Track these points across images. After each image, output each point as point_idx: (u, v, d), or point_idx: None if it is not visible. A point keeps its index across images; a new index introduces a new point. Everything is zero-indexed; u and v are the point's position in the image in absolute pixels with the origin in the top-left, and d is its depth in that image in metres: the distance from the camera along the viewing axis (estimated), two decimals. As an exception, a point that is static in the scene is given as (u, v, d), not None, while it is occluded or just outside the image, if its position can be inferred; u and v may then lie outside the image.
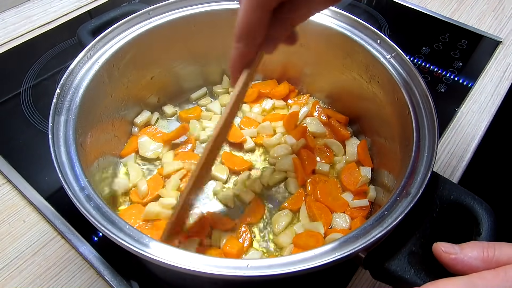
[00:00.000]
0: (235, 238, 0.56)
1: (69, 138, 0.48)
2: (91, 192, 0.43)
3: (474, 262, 0.36)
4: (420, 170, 0.46)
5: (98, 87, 0.56)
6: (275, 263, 0.38)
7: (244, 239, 0.56)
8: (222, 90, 0.76)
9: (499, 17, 1.02)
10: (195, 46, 0.70)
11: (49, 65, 0.84)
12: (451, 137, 0.75)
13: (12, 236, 0.59)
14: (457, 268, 0.37)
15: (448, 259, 0.37)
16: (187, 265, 0.37)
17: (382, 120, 0.61)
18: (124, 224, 0.41)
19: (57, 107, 0.50)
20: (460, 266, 0.36)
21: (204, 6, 0.65)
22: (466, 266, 0.36)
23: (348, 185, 0.62)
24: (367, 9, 1.03)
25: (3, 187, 0.64)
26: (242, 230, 0.57)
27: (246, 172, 0.64)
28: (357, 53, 0.61)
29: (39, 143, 0.69)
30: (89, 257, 0.56)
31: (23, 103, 0.76)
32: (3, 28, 0.92)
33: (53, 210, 0.60)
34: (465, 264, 0.36)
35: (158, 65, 0.68)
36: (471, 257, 0.36)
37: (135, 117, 0.69)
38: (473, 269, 0.36)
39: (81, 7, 1.00)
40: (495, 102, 0.81)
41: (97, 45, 0.57)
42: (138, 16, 0.61)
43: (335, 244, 0.39)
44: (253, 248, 0.56)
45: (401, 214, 0.41)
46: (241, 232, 0.57)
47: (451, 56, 0.90)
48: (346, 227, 0.57)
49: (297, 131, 0.68)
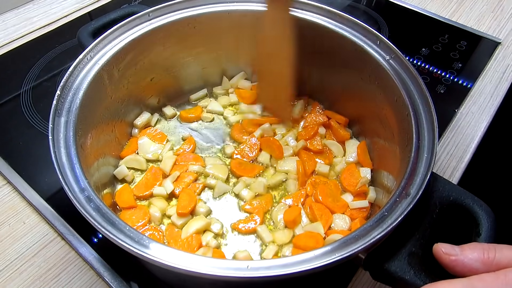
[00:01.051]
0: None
1: (69, 139, 0.48)
2: (91, 193, 0.44)
3: (474, 264, 0.36)
4: (419, 171, 0.46)
5: (98, 89, 0.56)
6: (274, 264, 0.38)
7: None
8: (222, 91, 0.77)
9: (498, 18, 1.02)
10: (195, 47, 0.70)
11: (49, 67, 0.84)
12: (451, 138, 0.75)
13: (12, 237, 0.59)
14: (456, 270, 0.37)
15: (448, 261, 0.37)
16: (187, 266, 0.37)
17: (382, 121, 0.61)
18: (124, 225, 0.41)
19: (57, 108, 0.50)
20: (460, 268, 0.36)
21: (204, 7, 0.65)
22: (466, 268, 0.36)
23: (348, 186, 0.62)
24: (366, 11, 1.03)
25: (3, 188, 0.65)
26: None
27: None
28: (357, 54, 0.61)
29: (39, 144, 0.70)
30: (89, 258, 0.56)
31: (23, 105, 0.76)
32: (4, 30, 0.93)
33: (53, 211, 0.60)
34: (465, 266, 0.36)
35: (158, 67, 0.68)
36: (471, 259, 0.36)
37: (135, 118, 0.69)
38: (473, 271, 0.36)
39: (81, 8, 1.00)
40: (495, 103, 0.82)
41: (97, 46, 0.57)
42: (138, 18, 0.61)
43: (335, 245, 0.40)
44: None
45: (400, 215, 0.41)
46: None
47: (450, 57, 0.91)
48: (346, 228, 0.57)
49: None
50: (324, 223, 0.57)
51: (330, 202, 0.60)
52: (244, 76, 0.77)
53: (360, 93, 0.65)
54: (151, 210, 0.58)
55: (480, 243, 0.38)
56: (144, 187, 0.61)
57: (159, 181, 0.62)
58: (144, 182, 0.62)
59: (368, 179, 0.62)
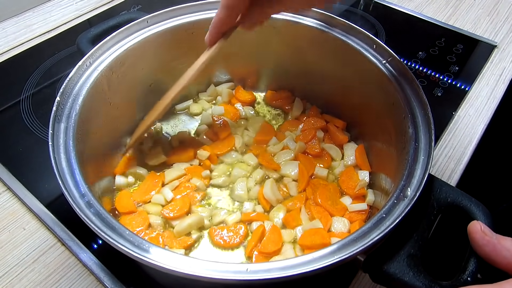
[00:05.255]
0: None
1: (69, 145, 0.48)
2: (91, 199, 0.44)
3: (504, 252, 0.36)
4: (416, 173, 0.46)
5: (98, 95, 0.57)
6: (274, 266, 0.38)
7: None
8: (208, 98, 0.77)
9: (494, 21, 1.03)
10: (193, 52, 0.70)
11: (49, 73, 0.85)
12: (449, 141, 0.76)
13: (12, 243, 0.59)
14: (485, 249, 0.37)
15: (481, 238, 0.38)
16: (187, 270, 0.37)
17: (379, 125, 0.61)
18: (124, 230, 0.41)
19: (57, 114, 0.51)
20: (489, 249, 0.37)
21: (202, 13, 0.66)
22: (496, 251, 0.37)
23: (346, 189, 0.62)
24: (363, 15, 1.04)
25: (3, 194, 0.65)
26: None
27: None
28: (354, 58, 0.62)
29: (39, 150, 0.70)
30: (89, 264, 0.56)
31: (23, 111, 0.77)
32: (4, 37, 0.93)
33: (53, 217, 0.61)
34: (495, 249, 0.37)
35: (156, 73, 0.69)
36: (503, 246, 0.36)
37: (135, 124, 0.69)
38: (500, 256, 0.36)
39: (81, 15, 1.01)
40: (492, 106, 0.82)
41: (97, 53, 0.58)
42: (137, 24, 0.62)
43: (334, 247, 0.40)
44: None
45: (398, 216, 0.42)
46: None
47: (447, 61, 0.91)
48: (345, 231, 0.57)
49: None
50: (324, 226, 0.57)
51: (329, 205, 0.60)
52: (232, 86, 0.78)
53: (357, 97, 0.66)
54: (151, 219, 0.58)
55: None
56: (143, 192, 0.61)
57: (157, 188, 0.62)
58: (144, 188, 0.62)
59: (367, 182, 0.62)
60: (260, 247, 0.55)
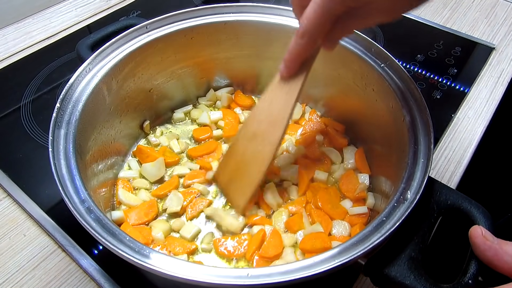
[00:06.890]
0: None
1: (69, 151, 0.48)
2: (92, 205, 0.44)
3: (505, 257, 0.36)
4: (416, 176, 0.46)
5: (98, 101, 0.57)
6: (275, 271, 0.38)
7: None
8: (208, 103, 0.77)
9: (491, 24, 1.04)
10: (192, 57, 0.71)
11: (49, 80, 0.85)
12: (448, 143, 0.76)
13: (13, 250, 0.59)
14: (487, 254, 0.37)
15: (482, 243, 0.38)
16: (188, 275, 0.37)
17: (378, 128, 0.61)
18: (125, 235, 0.41)
19: (57, 120, 0.51)
20: (491, 254, 0.37)
21: (201, 19, 0.66)
22: (498, 256, 0.36)
23: (346, 193, 0.62)
24: (361, 19, 1.04)
25: (3, 201, 0.65)
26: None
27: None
28: (352, 62, 0.62)
29: (39, 156, 0.70)
30: (90, 270, 0.56)
31: (23, 117, 0.77)
32: (4, 44, 0.94)
33: (53, 223, 0.61)
34: (497, 254, 0.36)
35: (156, 78, 0.69)
36: (506, 252, 0.36)
37: (134, 130, 0.69)
38: (501, 262, 0.36)
39: (80, 22, 1.01)
40: (491, 107, 0.82)
41: (96, 59, 0.58)
42: (136, 30, 0.62)
43: (335, 251, 0.40)
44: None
45: (399, 219, 0.42)
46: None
47: (445, 63, 0.92)
48: (346, 234, 0.57)
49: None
50: (324, 230, 0.57)
51: (330, 209, 0.60)
52: (232, 91, 0.78)
53: (356, 100, 0.66)
54: (153, 232, 0.57)
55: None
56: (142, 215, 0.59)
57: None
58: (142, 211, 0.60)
59: (367, 185, 0.62)
60: (261, 252, 0.55)
